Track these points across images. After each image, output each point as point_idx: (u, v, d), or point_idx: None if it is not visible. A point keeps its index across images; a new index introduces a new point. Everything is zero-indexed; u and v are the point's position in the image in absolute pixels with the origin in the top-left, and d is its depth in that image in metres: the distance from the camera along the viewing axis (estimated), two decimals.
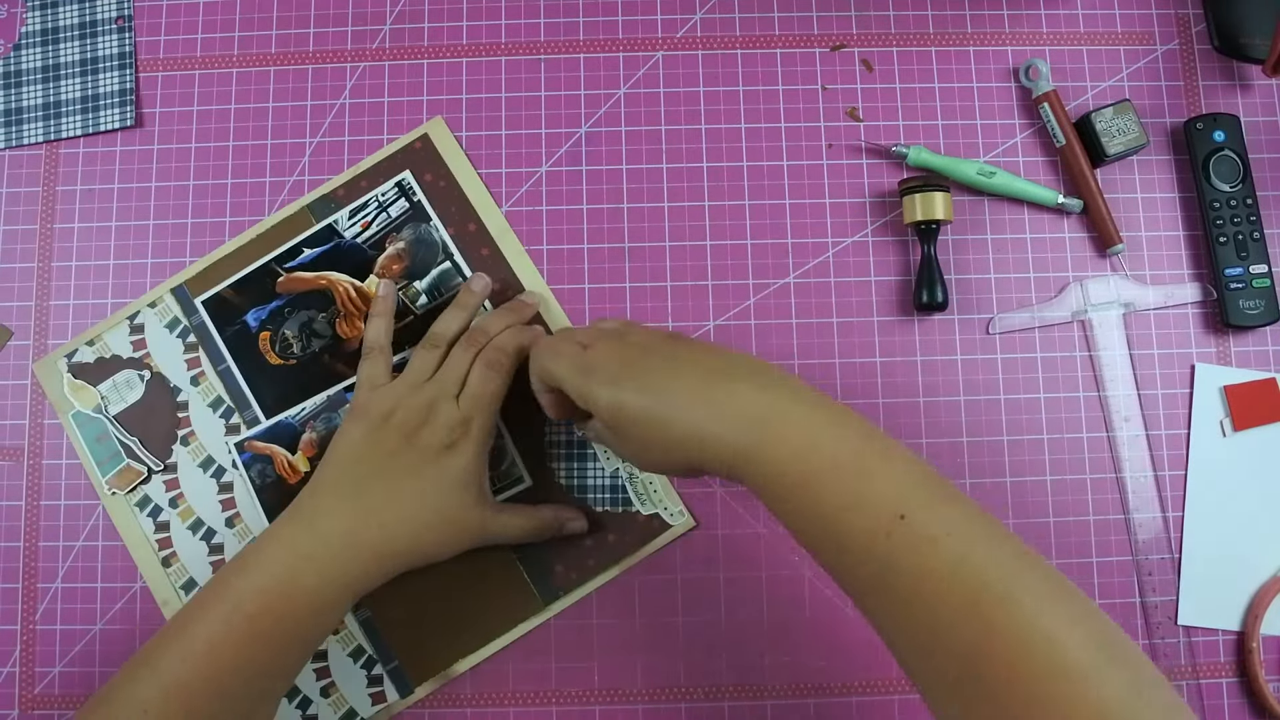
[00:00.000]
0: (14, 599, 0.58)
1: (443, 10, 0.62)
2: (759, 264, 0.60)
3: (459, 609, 0.56)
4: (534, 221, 0.60)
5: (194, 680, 0.44)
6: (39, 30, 0.62)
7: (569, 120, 0.61)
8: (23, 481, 0.59)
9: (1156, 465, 0.58)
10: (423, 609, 0.56)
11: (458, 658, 0.56)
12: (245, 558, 0.47)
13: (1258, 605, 0.56)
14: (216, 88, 0.62)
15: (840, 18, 0.62)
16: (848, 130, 0.61)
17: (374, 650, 0.56)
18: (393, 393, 0.52)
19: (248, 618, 0.45)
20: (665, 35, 0.62)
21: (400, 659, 0.56)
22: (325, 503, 0.49)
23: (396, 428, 0.51)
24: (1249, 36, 0.60)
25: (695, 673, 0.56)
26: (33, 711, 0.57)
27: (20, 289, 0.60)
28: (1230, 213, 0.59)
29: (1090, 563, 0.57)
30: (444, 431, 0.50)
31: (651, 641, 0.57)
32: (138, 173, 0.61)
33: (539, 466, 0.57)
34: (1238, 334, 0.59)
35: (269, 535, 0.48)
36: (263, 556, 0.47)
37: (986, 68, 0.62)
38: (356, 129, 0.61)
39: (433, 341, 0.54)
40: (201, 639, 0.45)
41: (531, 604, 0.56)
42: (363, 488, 0.49)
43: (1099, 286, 0.59)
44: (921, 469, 0.41)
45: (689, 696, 0.56)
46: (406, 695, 0.56)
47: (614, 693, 0.56)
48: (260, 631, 0.45)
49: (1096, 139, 0.59)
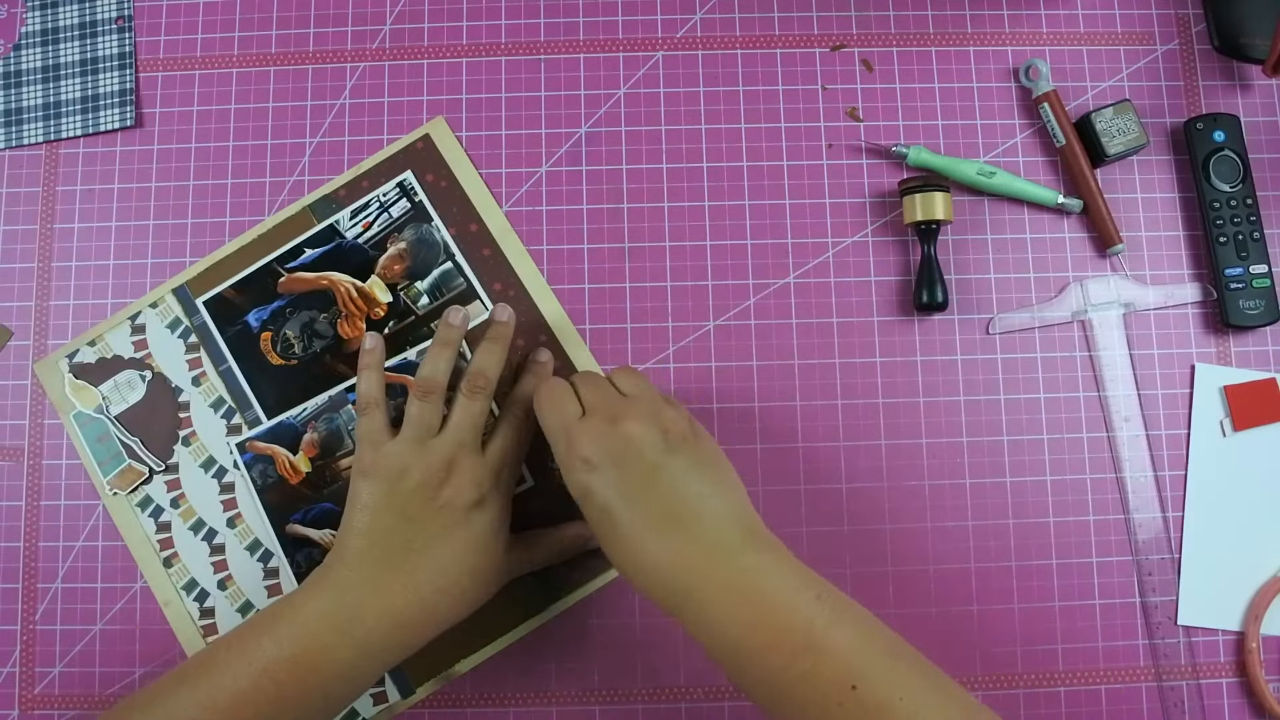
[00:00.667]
0: (14, 599, 0.58)
1: (443, 10, 0.62)
2: (759, 264, 0.60)
3: None
4: (534, 221, 0.60)
5: None
6: (39, 30, 0.62)
7: (569, 120, 0.61)
8: (23, 481, 0.59)
9: (1156, 465, 0.58)
10: None
11: (459, 658, 0.56)
12: (278, 619, 0.46)
13: (1258, 605, 0.56)
14: (216, 88, 0.62)
15: (840, 18, 0.62)
16: (848, 130, 0.61)
17: None
18: (401, 451, 0.50)
19: (276, 683, 0.44)
20: (665, 35, 0.62)
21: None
22: (357, 575, 0.48)
23: (417, 490, 0.49)
24: (1249, 36, 0.60)
25: (695, 673, 0.56)
26: (33, 711, 0.57)
27: (20, 289, 0.60)
28: (1230, 213, 0.59)
29: (1090, 563, 0.57)
30: (471, 489, 0.49)
31: (651, 641, 0.57)
32: (138, 173, 0.61)
33: (541, 467, 0.57)
34: (1238, 334, 0.59)
35: (302, 603, 0.47)
36: (296, 626, 0.46)
37: (986, 68, 0.62)
38: (356, 129, 0.61)
39: (425, 388, 0.51)
40: (227, 692, 0.44)
41: (532, 604, 0.56)
42: (395, 560, 0.48)
43: (1099, 286, 0.59)
44: (869, 629, 0.42)
45: (689, 696, 0.56)
46: (408, 695, 0.56)
47: (614, 693, 0.56)
48: (287, 697, 0.44)
49: (1096, 139, 0.59)
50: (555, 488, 0.57)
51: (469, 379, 0.52)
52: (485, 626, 0.56)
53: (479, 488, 0.49)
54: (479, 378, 0.52)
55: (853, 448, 0.58)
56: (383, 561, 0.48)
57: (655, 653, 0.57)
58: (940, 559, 0.57)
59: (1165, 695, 0.56)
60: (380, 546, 0.48)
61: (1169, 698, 0.56)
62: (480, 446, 0.51)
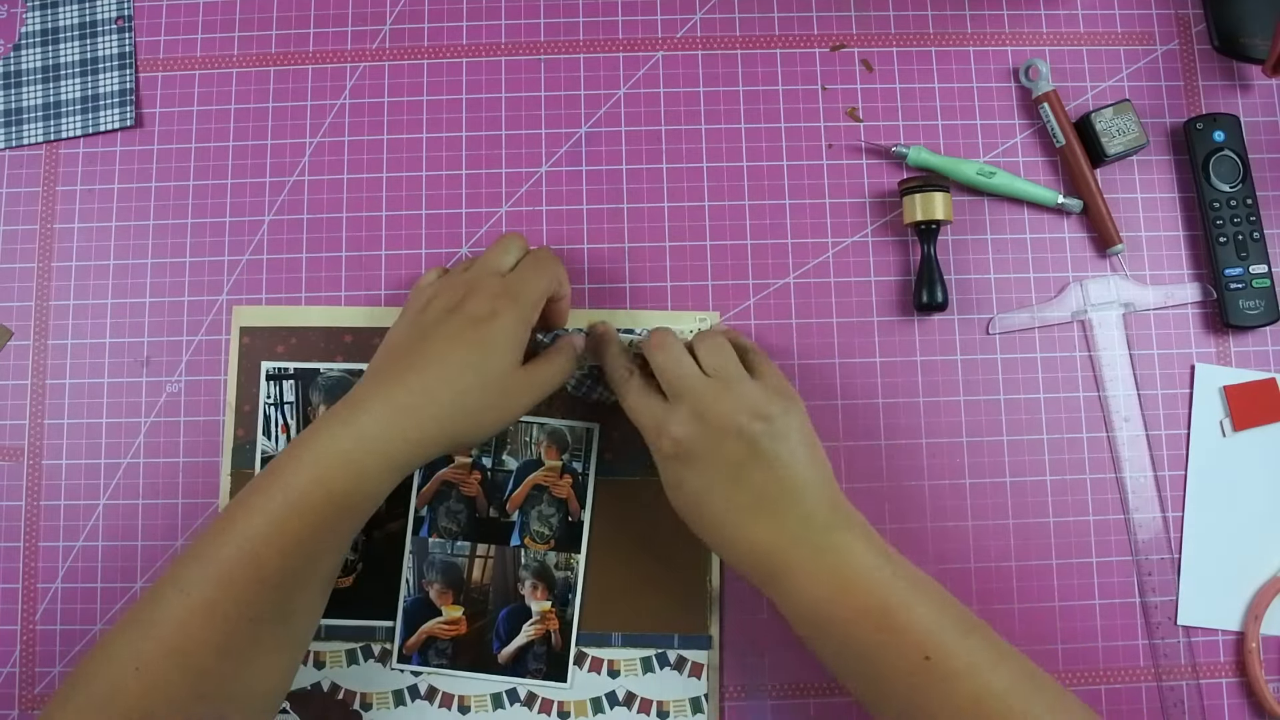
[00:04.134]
0: (14, 599, 0.58)
1: (443, 10, 0.62)
2: (759, 264, 0.60)
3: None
4: (534, 221, 0.60)
5: (236, 568, 0.44)
6: (39, 30, 0.62)
7: (569, 120, 0.61)
8: (23, 481, 0.59)
9: (1156, 465, 0.58)
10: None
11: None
12: (293, 450, 0.47)
13: (1257, 605, 0.56)
14: (216, 88, 0.62)
15: (840, 18, 0.62)
16: (848, 130, 0.61)
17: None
18: (432, 280, 0.54)
19: (297, 513, 0.45)
20: (665, 35, 0.62)
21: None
22: (367, 390, 0.48)
23: (440, 305, 0.50)
24: (1249, 36, 0.60)
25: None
26: (33, 711, 0.57)
27: (20, 289, 0.60)
28: (1230, 213, 0.59)
29: (1090, 563, 0.57)
30: (487, 300, 0.49)
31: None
32: (138, 173, 0.61)
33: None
34: (1238, 334, 0.59)
35: (315, 429, 0.47)
36: (305, 452, 0.46)
37: (986, 68, 0.62)
38: (356, 129, 0.61)
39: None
40: (254, 530, 0.45)
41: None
42: (400, 359, 0.49)
43: (1099, 286, 0.59)
44: (942, 602, 0.45)
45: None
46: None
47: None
48: (305, 525, 0.45)
49: (1096, 139, 0.59)
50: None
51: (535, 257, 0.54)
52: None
53: (495, 300, 0.49)
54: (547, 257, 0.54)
55: (852, 448, 0.58)
56: (389, 363, 0.49)
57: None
58: (940, 559, 0.57)
59: (1165, 695, 0.56)
60: (392, 359, 0.50)
61: (1169, 698, 0.56)
62: (507, 277, 0.52)
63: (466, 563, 0.57)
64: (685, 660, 0.56)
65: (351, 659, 0.56)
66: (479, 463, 0.57)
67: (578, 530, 0.57)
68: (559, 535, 0.57)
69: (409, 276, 0.60)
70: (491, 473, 0.57)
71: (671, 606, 0.56)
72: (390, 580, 0.56)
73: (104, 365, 0.59)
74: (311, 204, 0.61)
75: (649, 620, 0.56)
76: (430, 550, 0.57)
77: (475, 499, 0.57)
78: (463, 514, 0.57)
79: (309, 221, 0.60)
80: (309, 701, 0.56)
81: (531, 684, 0.56)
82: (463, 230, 0.60)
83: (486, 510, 0.57)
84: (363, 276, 0.60)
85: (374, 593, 0.56)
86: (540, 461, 0.57)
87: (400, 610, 0.56)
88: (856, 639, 0.44)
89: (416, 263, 0.60)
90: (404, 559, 0.57)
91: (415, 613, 0.56)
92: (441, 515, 0.57)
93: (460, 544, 0.57)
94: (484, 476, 0.57)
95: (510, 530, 0.57)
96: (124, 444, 0.59)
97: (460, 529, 0.57)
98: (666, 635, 0.56)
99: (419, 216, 0.60)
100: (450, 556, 0.57)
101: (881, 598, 0.44)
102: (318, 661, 0.56)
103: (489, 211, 0.60)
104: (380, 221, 0.60)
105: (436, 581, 0.56)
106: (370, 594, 0.56)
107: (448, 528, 0.57)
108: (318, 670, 0.56)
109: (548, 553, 0.57)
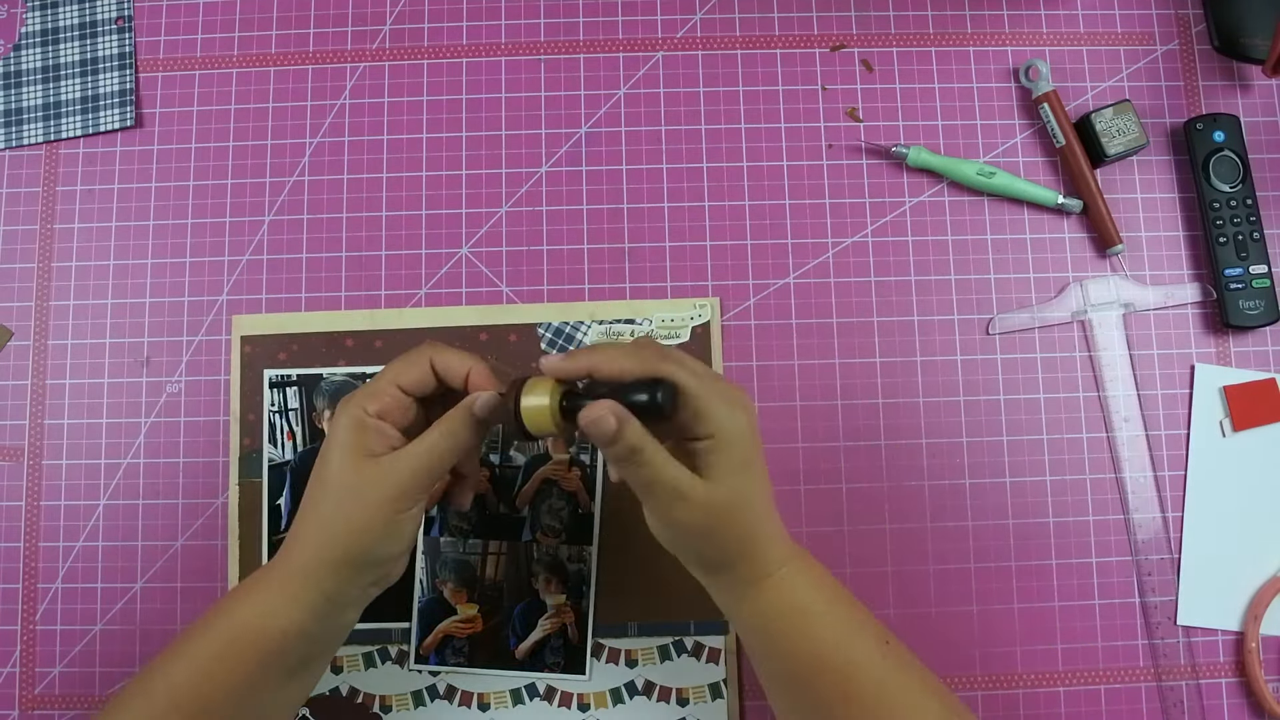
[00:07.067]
0: (14, 599, 0.58)
1: (443, 10, 0.62)
2: (759, 264, 0.60)
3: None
4: (534, 221, 0.60)
5: (184, 695, 0.43)
6: (39, 30, 0.62)
7: (569, 120, 0.61)
8: (23, 481, 0.59)
9: (1156, 465, 0.58)
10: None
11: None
12: (244, 586, 0.46)
13: (1257, 605, 0.56)
14: (216, 88, 0.62)
15: (840, 18, 0.62)
16: (848, 130, 0.61)
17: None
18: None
19: (245, 646, 0.43)
20: (665, 35, 0.62)
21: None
22: (293, 529, 0.46)
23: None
24: (1249, 36, 0.60)
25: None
26: (33, 711, 0.57)
27: (20, 289, 0.60)
28: (1230, 213, 0.59)
29: (1090, 563, 0.57)
30: (341, 414, 0.45)
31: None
32: (138, 173, 0.61)
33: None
34: (1237, 334, 0.59)
35: (263, 570, 0.46)
36: (251, 589, 0.45)
37: (986, 68, 0.62)
38: (356, 129, 0.61)
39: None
40: (203, 657, 0.43)
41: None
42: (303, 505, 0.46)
43: (1099, 287, 0.59)
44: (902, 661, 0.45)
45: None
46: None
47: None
48: (245, 661, 0.43)
49: (1096, 139, 0.59)
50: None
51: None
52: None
53: (345, 408, 0.44)
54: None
55: (853, 448, 0.58)
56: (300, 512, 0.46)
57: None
58: (940, 559, 0.57)
59: (1165, 695, 0.56)
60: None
61: (1169, 698, 0.56)
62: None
63: (479, 560, 0.57)
64: (703, 646, 0.56)
65: (369, 662, 0.56)
66: (487, 460, 0.57)
67: (588, 522, 0.57)
68: (570, 528, 0.57)
69: (409, 276, 0.60)
70: (500, 469, 0.57)
71: (686, 593, 0.55)
72: (404, 581, 0.56)
73: (104, 365, 0.59)
74: (311, 204, 0.61)
75: (664, 608, 0.56)
76: (442, 549, 0.57)
77: (485, 495, 0.57)
78: (473, 511, 0.57)
79: (309, 221, 0.60)
80: (329, 707, 0.56)
81: (550, 678, 0.56)
82: (463, 230, 0.60)
83: (496, 506, 0.57)
84: (363, 276, 0.60)
85: (388, 594, 0.56)
86: (547, 456, 0.57)
87: (415, 611, 0.56)
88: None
89: (416, 263, 0.60)
90: (416, 559, 0.57)
91: (430, 612, 0.57)
92: (452, 514, 0.57)
93: (472, 542, 0.57)
94: (492, 473, 0.57)
95: (521, 525, 0.57)
96: (124, 444, 0.59)
97: (471, 526, 0.57)
98: (683, 622, 0.56)
99: (419, 217, 0.60)
100: (462, 555, 0.57)
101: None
102: (335, 666, 0.56)
103: (489, 211, 0.60)
104: (380, 221, 0.60)
105: (450, 580, 0.57)
106: (384, 596, 0.56)
107: (458, 526, 0.57)
108: (336, 675, 0.56)
109: (559, 546, 0.57)
